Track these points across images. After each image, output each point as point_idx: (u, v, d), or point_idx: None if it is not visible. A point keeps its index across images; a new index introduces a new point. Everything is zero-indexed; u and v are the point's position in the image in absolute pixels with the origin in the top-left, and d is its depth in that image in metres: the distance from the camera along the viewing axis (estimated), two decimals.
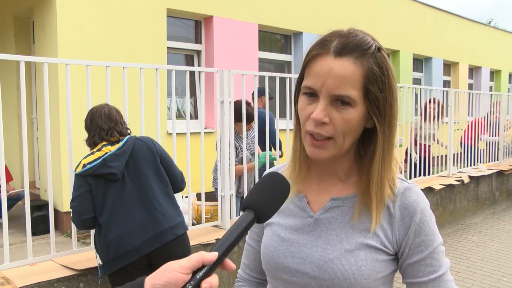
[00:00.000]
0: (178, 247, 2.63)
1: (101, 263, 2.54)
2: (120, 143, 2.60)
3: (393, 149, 0.99)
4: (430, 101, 6.22)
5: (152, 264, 2.56)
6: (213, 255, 0.71)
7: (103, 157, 2.52)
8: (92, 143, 2.64)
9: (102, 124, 2.62)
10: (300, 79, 0.99)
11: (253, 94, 4.84)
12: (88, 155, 2.57)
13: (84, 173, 2.50)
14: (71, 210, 2.56)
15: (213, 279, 0.70)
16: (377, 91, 0.93)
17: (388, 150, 0.98)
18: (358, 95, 0.92)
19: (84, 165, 2.51)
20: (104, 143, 2.60)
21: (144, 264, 2.54)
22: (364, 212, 0.99)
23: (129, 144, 2.62)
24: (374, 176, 0.97)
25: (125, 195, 2.53)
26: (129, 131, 2.74)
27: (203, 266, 0.70)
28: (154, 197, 2.59)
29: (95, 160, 2.52)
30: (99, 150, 2.57)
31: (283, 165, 1.17)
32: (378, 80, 0.93)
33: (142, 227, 2.51)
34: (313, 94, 0.95)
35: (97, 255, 2.56)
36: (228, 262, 0.74)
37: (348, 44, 0.93)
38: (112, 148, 2.57)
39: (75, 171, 2.54)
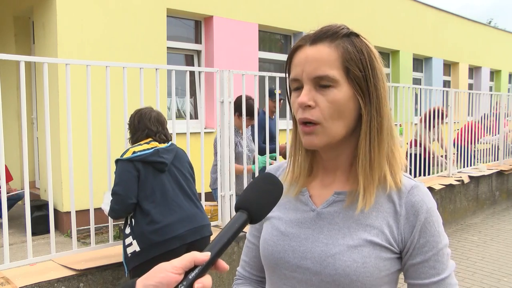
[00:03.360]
0: (207, 244, 2.74)
1: (137, 250, 2.58)
2: (168, 144, 2.83)
3: (383, 130, 0.97)
4: (432, 112, 6.17)
5: None
6: (205, 255, 0.70)
7: (155, 148, 2.70)
8: (136, 140, 2.80)
9: (151, 126, 2.83)
10: (289, 76, 1.02)
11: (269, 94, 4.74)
12: (136, 145, 2.73)
13: (134, 158, 2.63)
14: (102, 200, 2.74)
15: (206, 279, 0.69)
16: (357, 70, 0.94)
17: (376, 131, 0.96)
18: (339, 75, 0.94)
19: (135, 152, 2.66)
20: (150, 139, 2.78)
21: (179, 256, 2.57)
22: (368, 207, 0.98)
23: (174, 146, 2.88)
24: (360, 157, 0.96)
25: (171, 187, 2.72)
26: (170, 137, 2.96)
27: (195, 267, 0.69)
28: (194, 195, 2.84)
29: (147, 149, 2.69)
30: (147, 143, 2.74)
31: (283, 162, 1.16)
32: (355, 59, 0.94)
33: (188, 217, 2.71)
34: (299, 87, 0.97)
35: (133, 241, 2.60)
36: (221, 262, 0.73)
37: (321, 32, 0.97)
38: (160, 145, 2.77)
39: (121, 157, 2.67)
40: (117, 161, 2.71)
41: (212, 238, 2.92)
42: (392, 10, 10.17)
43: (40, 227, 4.98)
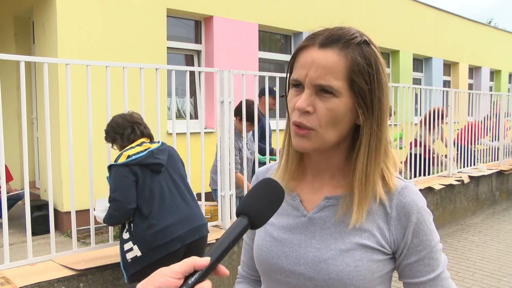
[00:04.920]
0: (206, 243, 2.85)
1: (138, 255, 2.54)
2: (159, 143, 2.77)
3: (382, 145, 0.96)
4: (432, 112, 6.16)
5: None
6: (205, 261, 0.70)
7: (149, 150, 2.64)
8: (130, 139, 2.71)
9: (137, 119, 2.77)
10: (290, 74, 0.99)
11: (261, 92, 4.81)
12: (128, 149, 2.64)
13: (130, 163, 2.55)
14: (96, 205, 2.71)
15: (206, 284, 0.69)
16: (362, 83, 0.92)
17: (375, 146, 0.95)
18: (343, 86, 0.91)
19: (129, 156, 2.58)
20: (143, 140, 2.72)
21: (180, 257, 2.61)
22: (350, 213, 0.97)
23: (166, 145, 2.82)
24: (358, 171, 0.95)
25: (168, 188, 2.68)
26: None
27: (195, 272, 0.69)
28: (190, 194, 2.80)
29: (141, 151, 2.62)
30: (139, 145, 2.67)
31: (275, 163, 1.16)
32: (363, 72, 0.92)
33: (186, 218, 2.68)
34: (299, 86, 0.95)
35: (134, 247, 2.55)
36: (221, 268, 0.73)
37: (332, 36, 0.93)
38: (152, 145, 2.70)
39: (115, 162, 2.58)
40: (110, 166, 2.61)
41: (208, 236, 2.92)
42: (392, 10, 10.17)
43: (40, 227, 4.97)
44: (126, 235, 2.61)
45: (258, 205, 0.81)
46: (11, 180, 5.74)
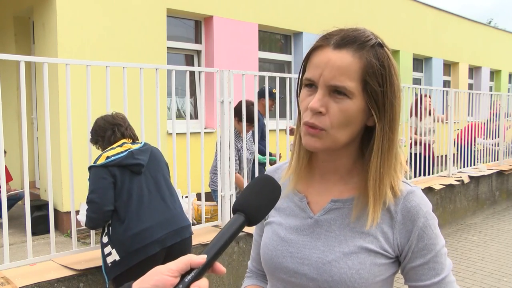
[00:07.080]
0: (189, 246, 2.76)
1: (117, 259, 2.48)
2: (141, 144, 2.71)
3: (394, 148, 0.97)
4: (422, 97, 6.16)
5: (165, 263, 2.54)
6: (201, 258, 0.70)
7: (129, 150, 2.59)
8: (110, 142, 2.68)
9: (118, 120, 2.72)
10: (303, 73, 0.99)
11: (260, 94, 4.81)
12: (108, 150, 2.60)
13: (108, 164, 2.51)
14: (75, 207, 2.56)
15: (203, 282, 0.69)
16: (376, 85, 0.93)
17: (388, 147, 0.96)
18: (356, 88, 0.92)
19: (108, 157, 2.53)
20: (124, 140, 2.68)
21: (160, 260, 2.56)
22: (364, 214, 0.98)
23: (148, 146, 2.76)
24: (371, 172, 0.96)
25: (148, 190, 2.61)
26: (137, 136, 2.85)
27: (191, 269, 0.69)
28: (172, 196, 2.72)
29: (120, 152, 2.57)
30: (119, 146, 2.62)
31: (284, 162, 1.17)
32: (377, 74, 0.92)
33: (166, 220, 2.60)
34: (312, 86, 0.95)
35: (112, 250, 2.49)
36: (218, 265, 0.73)
37: (347, 37, 0.94)
38: (133, 146, 2.65)
39: (95, 163, 2.54)
40: (90, 168, 2.57)
41: (207, 236, 2.88)
42: (392, 10, 10.17)
43: (40, 227, 4.98)
44: (105, 239, 2.55)
45: (255, 202, 0.81)
46: (11, 180, 5.74)
